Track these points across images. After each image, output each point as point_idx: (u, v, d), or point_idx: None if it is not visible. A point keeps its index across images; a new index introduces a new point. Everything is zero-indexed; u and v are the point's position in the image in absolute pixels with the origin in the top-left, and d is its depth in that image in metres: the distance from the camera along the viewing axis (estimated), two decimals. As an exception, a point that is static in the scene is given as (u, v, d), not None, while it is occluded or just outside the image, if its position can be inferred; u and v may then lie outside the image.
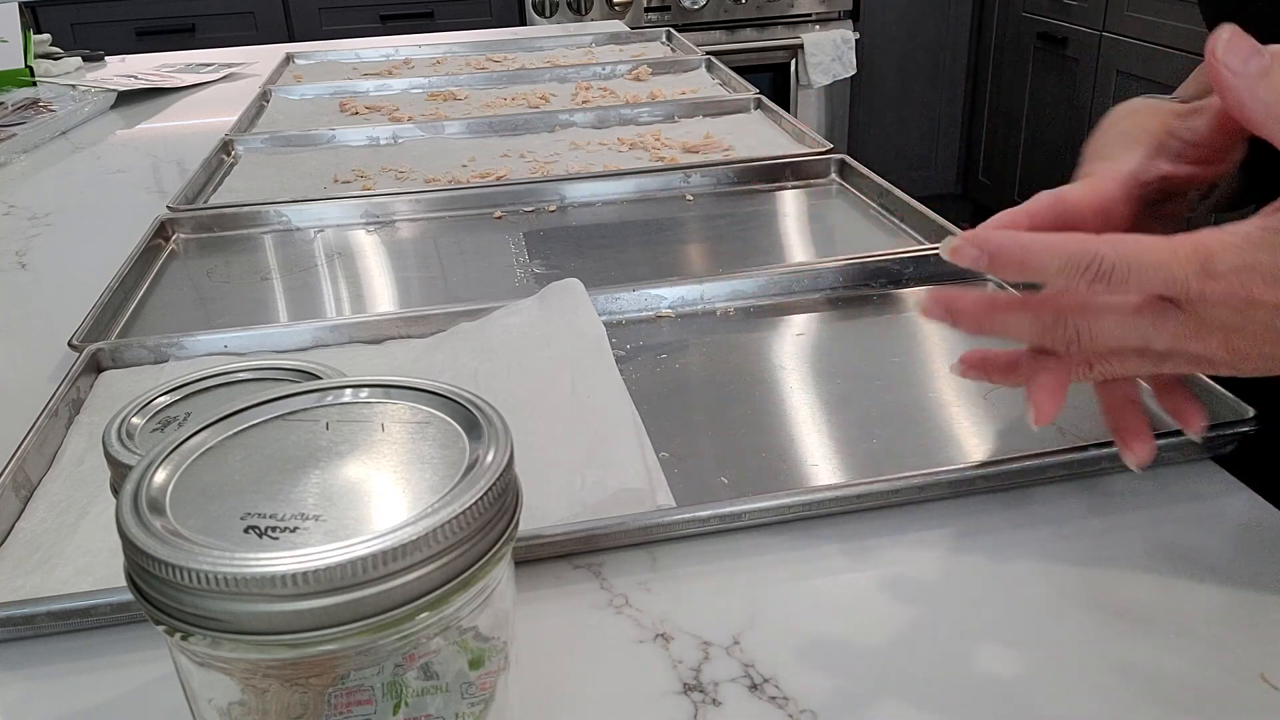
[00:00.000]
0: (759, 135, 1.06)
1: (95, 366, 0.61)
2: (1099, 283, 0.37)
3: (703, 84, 1.30)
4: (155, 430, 0.36)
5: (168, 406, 0.38)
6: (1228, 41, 0.37)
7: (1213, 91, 0.39)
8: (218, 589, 0.24)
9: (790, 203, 0.90)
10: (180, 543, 0.25)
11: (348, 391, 0.32)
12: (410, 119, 1.16)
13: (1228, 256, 0.36)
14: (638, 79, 1.34)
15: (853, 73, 2.94)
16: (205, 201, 0.93)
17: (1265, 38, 0.48)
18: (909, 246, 0.75)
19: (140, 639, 0.41)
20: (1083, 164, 0.47)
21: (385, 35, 2.08)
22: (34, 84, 1.51)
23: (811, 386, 0.58)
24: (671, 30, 1.60)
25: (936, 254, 0.71)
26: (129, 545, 0.26)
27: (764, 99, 1.15)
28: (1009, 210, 0.42)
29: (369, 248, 0.83)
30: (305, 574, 0.24)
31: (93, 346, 0.61)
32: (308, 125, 1.16)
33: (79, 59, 1.64)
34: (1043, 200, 0.42)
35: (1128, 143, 0.45)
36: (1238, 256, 0.36)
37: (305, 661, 0.26)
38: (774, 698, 0.37)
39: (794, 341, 0.63)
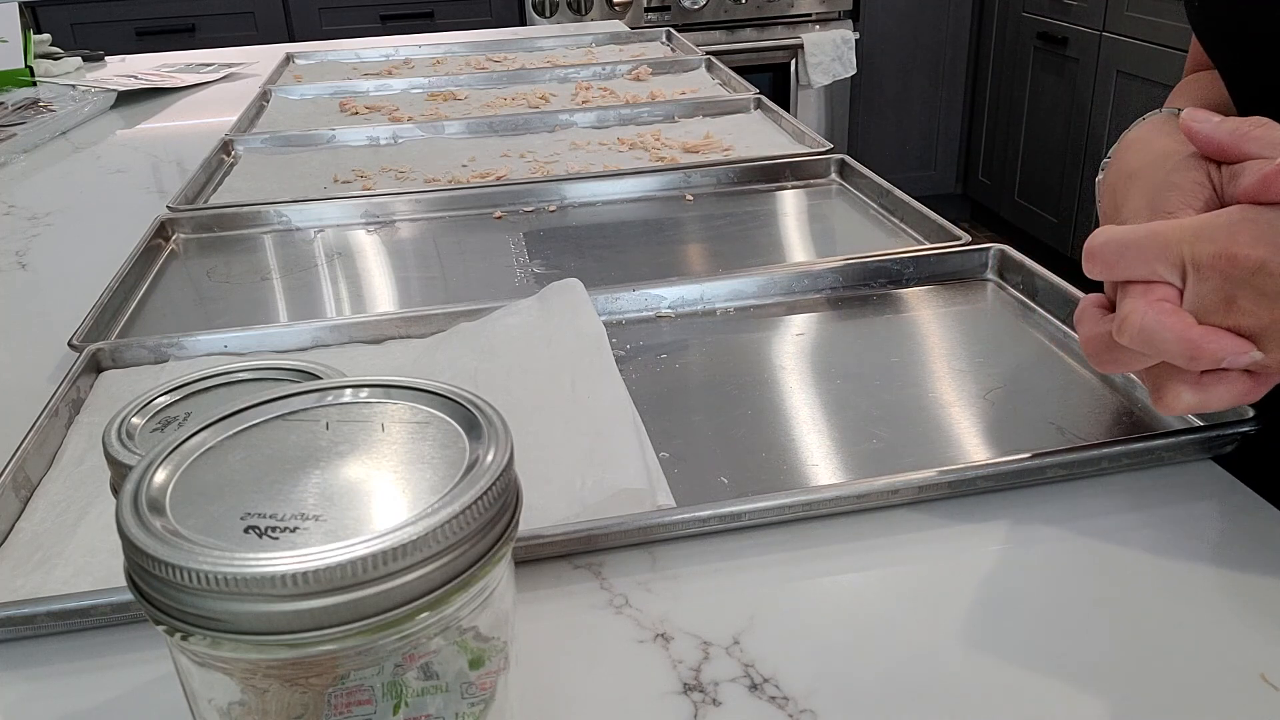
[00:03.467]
0: (759, 135, 1.06)
1: (95, 366, 0.61)
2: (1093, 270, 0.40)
3: (703, 84, 1.30)
4: (155, 430, 0.36)
5: (168, 406, 0.38)
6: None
7: (1207, 104, 0.40)
8: (217, 589, 0.24)
9: (790, 203, 0.90)
10: (180, 543, 0.25)
11: (348, 391, 0.32)
12: (410, 119, 1.16)
13: (1214, 222, 0.38)
14: (638, 79, 1.34)
15: (853, 73, 2.94)
16: (205, 201, 0.93)
17: (1260, 63, 0.48)
18: (909, 246, 0.75)
19: (140, 639, 0.41)
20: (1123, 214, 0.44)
21: (385, 35, 2.08)
22: (34, 84, 1.51)
23: (811, 386, 0.58)
24: (671, 30, 1.61)
25: (936, 254, 0.72)
26: (129, 545, 0.26)
27: (764, 99, 1.15)
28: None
29: (369, 248, 0.83)
30: (305, 574, 0.24)
31: (93, 346, 0.61)
32: (308, 125, 1.16)
33: (79, 59, 1.64)
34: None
35: (1182, 199, 0.41)
36: (1222, 220, 0.38)
37: (305, 661, 0.26)
38: (774, 698, 0.37)
39: (794, 341, 0.63)
